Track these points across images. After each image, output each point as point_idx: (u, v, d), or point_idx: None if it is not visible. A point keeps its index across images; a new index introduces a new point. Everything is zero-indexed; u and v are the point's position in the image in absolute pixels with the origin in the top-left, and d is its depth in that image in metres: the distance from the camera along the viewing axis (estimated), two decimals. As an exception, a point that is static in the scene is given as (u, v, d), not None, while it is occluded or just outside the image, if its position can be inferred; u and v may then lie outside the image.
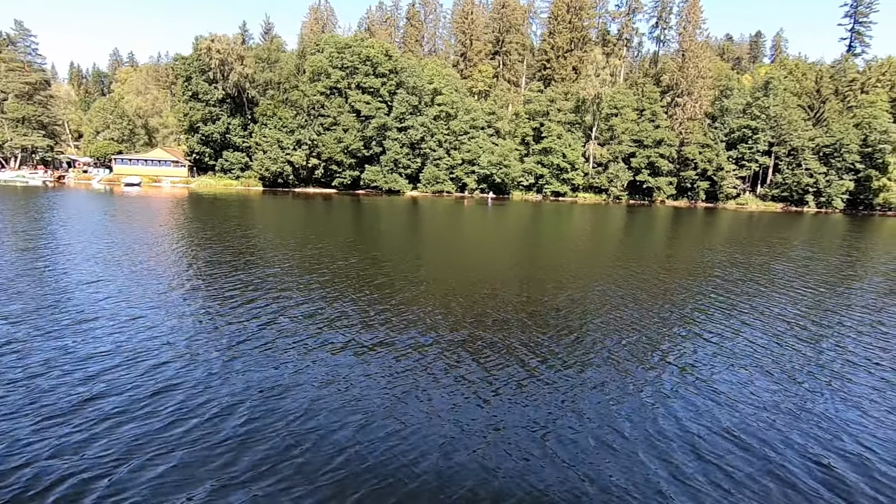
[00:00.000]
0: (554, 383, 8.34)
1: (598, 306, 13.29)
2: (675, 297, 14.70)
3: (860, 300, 15.49)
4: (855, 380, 9.09)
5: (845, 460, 6.41)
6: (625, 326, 11.57)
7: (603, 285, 15.94)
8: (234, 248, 20.31)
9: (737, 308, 13.76)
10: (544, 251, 25.04)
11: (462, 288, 14.73)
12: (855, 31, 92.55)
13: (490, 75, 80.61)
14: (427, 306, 12.53)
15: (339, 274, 15.92)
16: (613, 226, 39.64)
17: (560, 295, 14.38)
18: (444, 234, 29.73)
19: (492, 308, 12.66)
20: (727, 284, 16.85)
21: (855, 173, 66.50)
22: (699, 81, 72.07)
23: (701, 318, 12.66)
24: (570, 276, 17.42)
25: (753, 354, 10.09)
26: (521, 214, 47.11)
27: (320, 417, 6.89)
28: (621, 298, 14.25)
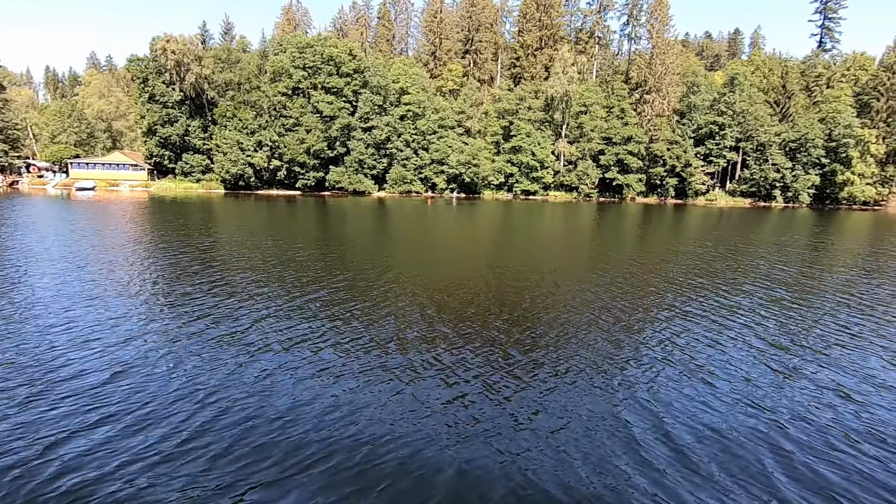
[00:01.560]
0: (528, 380, 8.15)
1: (570, 304, 13.05)
2: (647, 294, 14.57)
3: (831, 294, 15.21)
4: (829, 365, 9.18)
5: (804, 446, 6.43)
6: (596, 323, 11.41)
7: (574, 283, 15.63)
8: (193, 252, 19.30)
9: (708, 303, 13.64)
10: (507, 250, 24.23)
11: (427, 288, 14.24)
12: (825, 27, 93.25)
13: (460, 74, 79.91)
14: (393, 307, 12.19)
15: (302, 275, 15.34)
16: (581, 224, 39.18)
17: (529, 294, 13.93)
18: (405, 235, 28.97)
19: (460, 307, 12.31)
20: (698, 281, 16.55)
21: (820, 168, 66.61)
22: (667, 78, 71.94)
23: (673, 313, 12.44)
24: (537, 275, 16.81)
25: (727, 348, 9.98)
26: (488, 213, 46.51)
27: (301, 419, 6.73)
28: (593, 295, 14.02)
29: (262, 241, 22.64)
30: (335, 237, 26.03)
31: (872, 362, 9.38)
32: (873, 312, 12.92)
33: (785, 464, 6.01)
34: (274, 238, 23.97)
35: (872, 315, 12.67)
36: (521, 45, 79.93)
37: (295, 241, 23.01)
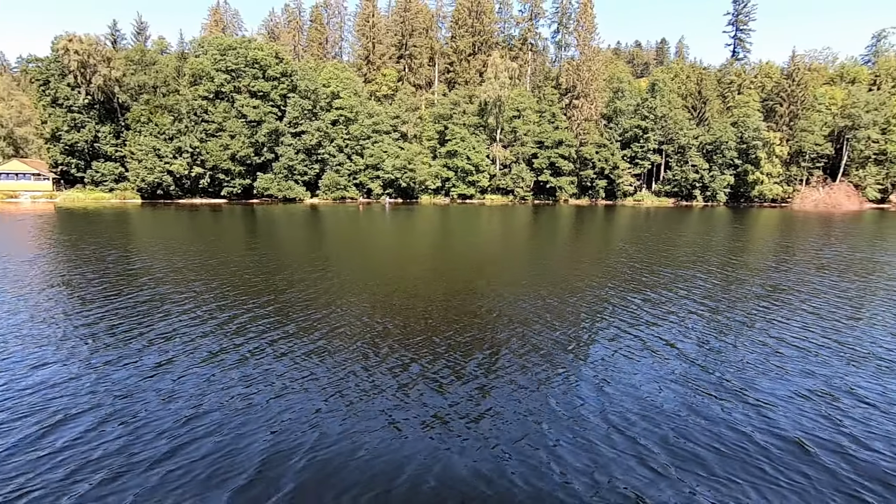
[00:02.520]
0: (477, 381, 8.02)
1: (510, 304, 12.89)
2: (585, 290, 14.75)
3: (753, 285, 16.02)
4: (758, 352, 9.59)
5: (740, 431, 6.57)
6: (538, 320, 11.32)
7: (512, 284, 15.51)
8: (101, 267, 17.28)
9: (643, 296, 14.03)
10: (443, 254, 23.77)
11: (363, 294, 13.73)
12: (737, 37, 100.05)
13: (394, 79, 79.37)
14: (329, 315, 11.61)
15: (231, 288, 14.30)
16: (515, 226, 39.38)
17: (468, 295, 13.73)
18: (338, 242, 27.74)
19: (397, 312, 11.93)
20: (630, 275, 17.14)
21: (734, 168, 71.06)
22: (594, 84, 74.58)
23: (610, 308, 12.70)
24: (475, 277, 16.63)
25: (665, 340, 10.21)
26: (423, 218, 46.02)
27: (230, 432, 6.34)
28: (532, 294, 13.96)
29: (184, 253, 20.99)
30: (264, 246, 24.60)
31: (785, 340, 10.24)
32: (784, 297, 14.20)
33: (721, 448, 6.15)
34: (198, 249, 22.35)
35: (784, 298, 13.95)
36: (455, 50, 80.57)
37: (221, 252, 21.57)
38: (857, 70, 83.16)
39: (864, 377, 8.33)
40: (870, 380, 8.24)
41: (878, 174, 71.28)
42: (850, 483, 5.51)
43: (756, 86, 77.46)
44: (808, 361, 8.99)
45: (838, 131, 71.79)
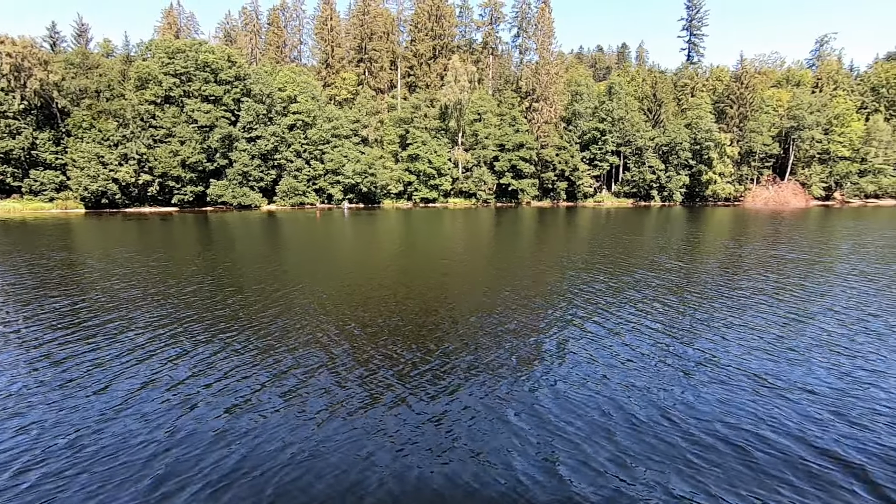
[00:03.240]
0: (448, 385, 7.93)
1: (475, 306, 12.76)
2: (550, 291, 14.78)
3: (709, 283, 16.31)
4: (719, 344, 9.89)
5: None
6: (504, 322, 11.30)
7: (476, 285, 15.49)
8: (41, 281, 16.11)
9: (605, 295, 14.17)
10: (404, 258, 23.15)
11: (323, 302, 13.31)
12: (691, 42, 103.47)
13: (354, 83, 78.44)
14: (290, 324, 11.21)
15: (183, 299, 13.59)
16: (477, 229, 39.11)
17: (430, 298, 13.63)
18: (295, 249, 26.71)
19: (358, 318, 11.68)
20: (593, 274, 17.46)
21: (689, 169, 72.96)
22: (552, 87, 75.47)
23: (573, 308, 12.72)
24: (438, 280, 16.59)
25: (629, 340, 10.23)
26: (384, 222, 45.37)
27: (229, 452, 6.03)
28: (497, 295, 13.94)
29: (130, 264, 19.75)
30: (217, 255, 23.47)
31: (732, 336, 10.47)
32: (738, 290, 14.73)
33: (690, 440, 6.25)
34: (146, 260, 21.08)
35: (738, 293, 14.39)
36: (415, 54, 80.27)
37: (170, 262, 20.44)
38: (802, 73, 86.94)
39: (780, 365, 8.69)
40: (797, 367, 8.60)
41: (822, 173, 74.42)
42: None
43: (708, 89, 79.97)
44: (762, 351, 9.35)
45: (785, 132, 74.68)
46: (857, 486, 5.36)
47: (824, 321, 11.35)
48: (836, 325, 10.98)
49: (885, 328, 10.80)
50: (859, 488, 5.34)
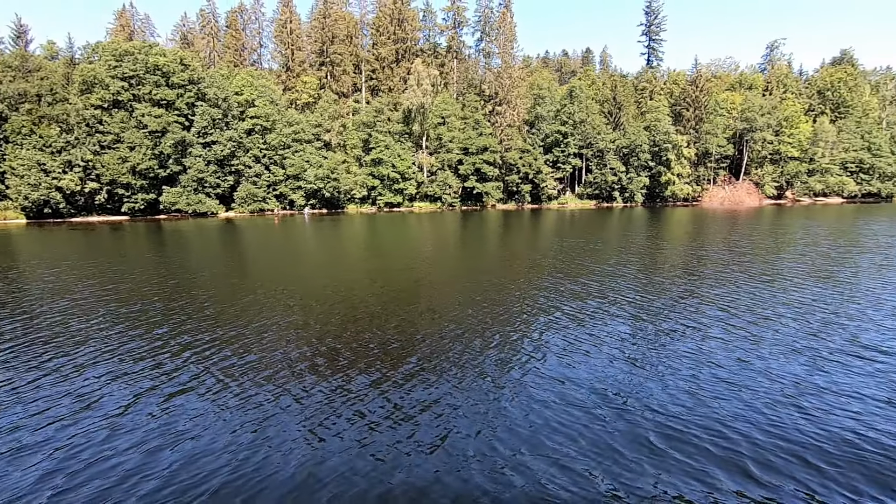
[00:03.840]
0: (416, 391, 7.94)
1: (443, 311, 12.80)
2: (517, 294, 14.85)
3: (670, 279, 17.14)
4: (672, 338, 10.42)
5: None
6: (473, 326, 11.37)
7: (442, 288, 15.65)
8: None
9: (571, 295, 14.47)
10: (370, 263, 22.82)
11: (288, 310, 13.12)
12: (651, 47, 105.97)
13: (315, 87, 77.20)
14: (255, 335, 10.95)
15: (138, 312, 13.12)
16: (442, 233, 39.00)
17: (398, 302, 13.65)
18: (255, 257, 25.80)
19: (324, 326, 11.51)
20: (556, 276, 17.65)
21: (649, 170, 74.54)
22: (515, 91, 76.02)
23: (540, 310, 12.84)
24: (405, 285, 16.52)
25: (599, 341, 10.41)
26: (345, 228, 44.65)
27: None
28: (464, 297, 14.10)
29: (75, 277, 18.59)
30: (170, 264, 22.42)
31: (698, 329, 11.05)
32: (700, 285, 15.59)
33: (662, 436, 6.40)
34: (92, 272, 19.87)
35: (696, 292, 14.91)
36: (377, 57, 79.63)
37: (118, 274, 19.34)
38: (754, 77, 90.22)
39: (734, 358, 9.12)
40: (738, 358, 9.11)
41: (773, 172, 77.20)
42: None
43: (665, 92, 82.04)
44: (723, 348, 9.75)
45: (738, 133, 77.21)
46: (790, 463, 5.82)
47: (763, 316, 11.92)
48: (791, 322, 11.46)
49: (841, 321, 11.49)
50: (789, 465, 5.79)
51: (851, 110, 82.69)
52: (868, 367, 8.63)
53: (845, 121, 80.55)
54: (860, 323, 11.22)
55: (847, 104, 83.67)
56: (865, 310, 12.37)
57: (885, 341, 9.96)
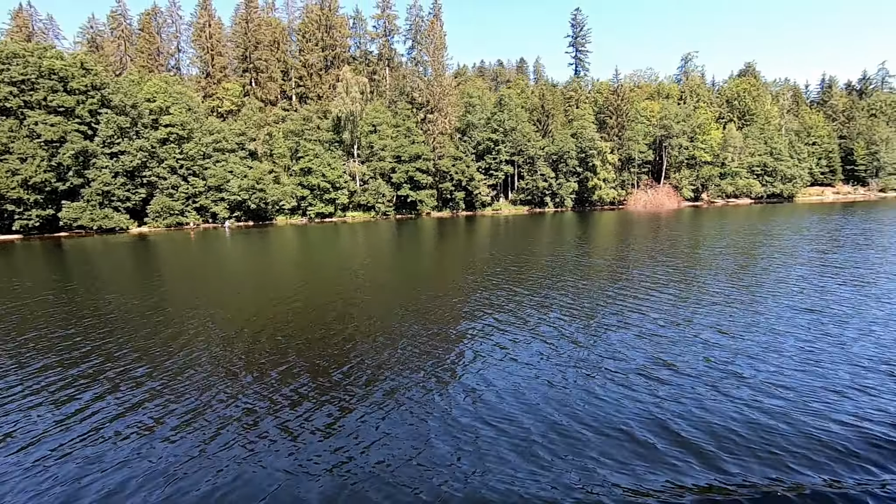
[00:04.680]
0: (358, 403, 7.77)
1: (376, 326, 12.38)
2: (452, 303, 14.76)
3: (600, 282, 17.57)
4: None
5: None
6: (401, 336, 11.31)
7: (375, 300, 15.38)
8: None
9: (506, 299, 14.72)
10: (296, 278, 21.64)
11: (211, 331, 12.27)
12: (577, 57, 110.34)
13: (239, 94, 73.97)
14: (177, 361, 10.05)
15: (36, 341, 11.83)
16: (374, 242, 38.06)
17: (326, 319, 13.15)
18: (171, 274, 23.84)
19: (252, 345, 10.96)
20: (493, 281, 17.81)
21: (577, 176, 77.05)
22: (446, 99, 76.42)
23: (474, 319, 12.74)
24: (333, 299, 15.90)
25: (531, 339, 10.76)
26: (271, 241, 42.51)
27: None
28: (398, 311, 13.81)
29: None
30: (66, 287, 19.97)
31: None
32: (623, 291, 15.71)
33: (594, 433, 6.63)
34: None
35: (624, 293, 15.47)
36: (304, 64, 77.56)
37: (10, 299, 17.31)
38: (671, 87, 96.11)
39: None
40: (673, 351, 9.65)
41: (690, 176, 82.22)
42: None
43: (590, 101, 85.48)
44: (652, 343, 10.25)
45: (658, 140, 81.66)
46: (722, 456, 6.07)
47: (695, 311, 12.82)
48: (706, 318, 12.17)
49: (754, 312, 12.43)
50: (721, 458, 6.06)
51: (755, 118, 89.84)
52: (763, 355, 9.30)
53: (750, 128, 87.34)
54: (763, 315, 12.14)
55: (752, 112, 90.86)
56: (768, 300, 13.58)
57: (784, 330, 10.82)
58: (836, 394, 7.54)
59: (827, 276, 16.60)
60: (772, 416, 6.90)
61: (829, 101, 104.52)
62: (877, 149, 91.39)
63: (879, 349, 9.35)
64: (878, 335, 10.16)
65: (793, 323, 11.26)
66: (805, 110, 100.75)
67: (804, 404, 7.24)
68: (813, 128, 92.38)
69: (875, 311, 11.96)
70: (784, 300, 13.43)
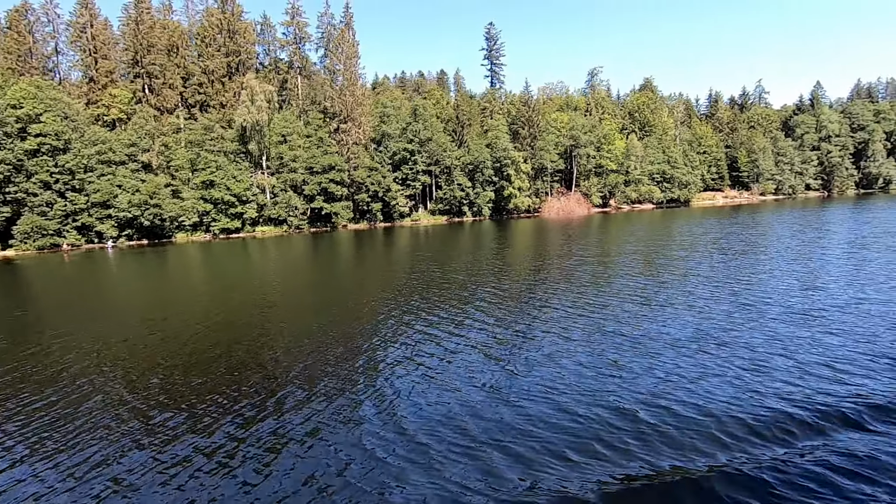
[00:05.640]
0: (276, 426, 7.64)
1: (286, 351, 11.78)
2: (368, 319, 14.56)
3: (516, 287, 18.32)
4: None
5: None
6: (313, 352, 11.09)
7: (279, 327, 14.46)
8: None
9: (425, 311, 14.77)
10: (189, 302, 20.04)
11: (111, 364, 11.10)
12: (493, 70, 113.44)
13: (128, 101, 67.79)
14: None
15: None
16: (281, 258, 35.99)
17: (239, 344, 12.41)
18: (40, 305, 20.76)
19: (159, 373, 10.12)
20: (414, 291, 17.95)
21: (493, 185, 78.58)
22: (359, 108, 75.01)
23: (396, 328, 12.91)
24: (239, 323, 15.03)
25: (453, 349, 11.02)
26: (166, 260, 38.90)
27: None
28: (312, 331, 13.43)
29: None
30: None
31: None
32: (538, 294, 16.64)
33: (523, 438, 6.89)
34: None
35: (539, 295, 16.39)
36: (204, 70, 72.78)
37: None
38: (579, 100, 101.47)
39: None
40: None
41: (598, 184, 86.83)
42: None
43: (504, 112, 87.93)
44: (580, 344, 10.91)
45: (568, 149, 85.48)
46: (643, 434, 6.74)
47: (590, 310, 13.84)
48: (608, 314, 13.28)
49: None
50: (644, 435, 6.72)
51: (654, 129, 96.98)
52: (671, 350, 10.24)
53: (650, 138, 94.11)
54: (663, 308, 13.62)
55: (651, 124, 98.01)
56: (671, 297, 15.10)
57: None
58: (731, 380, 8.43)
59: (704, 282, 17.84)
60: (671, 405, 7.58)
61: (715, 114, 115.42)
62: (756, 157, 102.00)
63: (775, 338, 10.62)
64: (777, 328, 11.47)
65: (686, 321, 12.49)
66: (696, 122, 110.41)
67: (702, 392, 8.00)
68: (703, 138, 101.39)
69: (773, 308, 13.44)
70: (690, 298, 14.88)
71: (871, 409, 7.02)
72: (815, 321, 11.57)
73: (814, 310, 12.60)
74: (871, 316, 11.69)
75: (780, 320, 11.86)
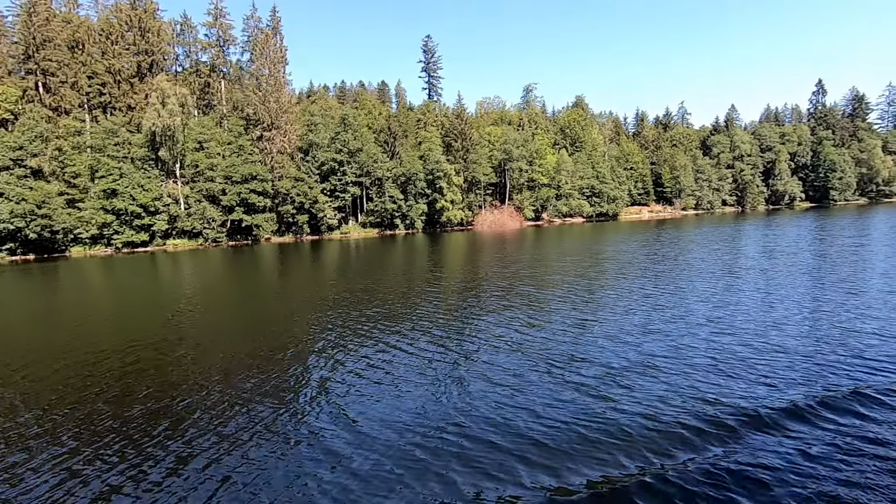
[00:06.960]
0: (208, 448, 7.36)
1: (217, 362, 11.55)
2: (293, 339, 13.85)
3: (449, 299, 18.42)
4: None
5: None
6: (221, 381, 10.33)
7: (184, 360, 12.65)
8: None
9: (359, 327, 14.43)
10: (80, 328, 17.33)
11: None
12: (430, 82, 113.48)
13: (16, 99, 60.94)
14: None
15: None
16: (192, 276, 32.93)
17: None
18: None
19: None
20: (339, 310, 17.32)
21: (426, 198, 77.56)
22: (284, 116, 71.80)
23: (325, 346, 12.71)
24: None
25: (390, 363, 11.03)
26: (55, 278, 34.55)
27: None
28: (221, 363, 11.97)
29: None
30: None
31: None
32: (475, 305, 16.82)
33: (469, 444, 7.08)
34: None
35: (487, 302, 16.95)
36: (108, 69, 67.00)
37: None
38: (514, 114, 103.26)
39: None
40: None
41: (531, 198, 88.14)
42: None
43: (437, 124, 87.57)
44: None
45: (501, 163, 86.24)
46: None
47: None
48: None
49: None
50: None
51: (584, 145, 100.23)
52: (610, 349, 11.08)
53: (580, 154, 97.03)
54: None
55: (581, 140, 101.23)
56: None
57: None
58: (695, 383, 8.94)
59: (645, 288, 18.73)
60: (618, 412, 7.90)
61: (642, 132, 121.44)
62: (678, 174, 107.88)
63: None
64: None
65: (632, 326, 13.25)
66: (624, 139, 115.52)
67: (642, 398, 8.37)
68: (630, 154, 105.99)
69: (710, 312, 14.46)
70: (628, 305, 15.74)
71: (783, 411, 7.64)
72: (730, 330, 12.59)
73: (729, 320, 13.66)
74: (784, 325, 12.92)
75: (704, 329, 12.75)
